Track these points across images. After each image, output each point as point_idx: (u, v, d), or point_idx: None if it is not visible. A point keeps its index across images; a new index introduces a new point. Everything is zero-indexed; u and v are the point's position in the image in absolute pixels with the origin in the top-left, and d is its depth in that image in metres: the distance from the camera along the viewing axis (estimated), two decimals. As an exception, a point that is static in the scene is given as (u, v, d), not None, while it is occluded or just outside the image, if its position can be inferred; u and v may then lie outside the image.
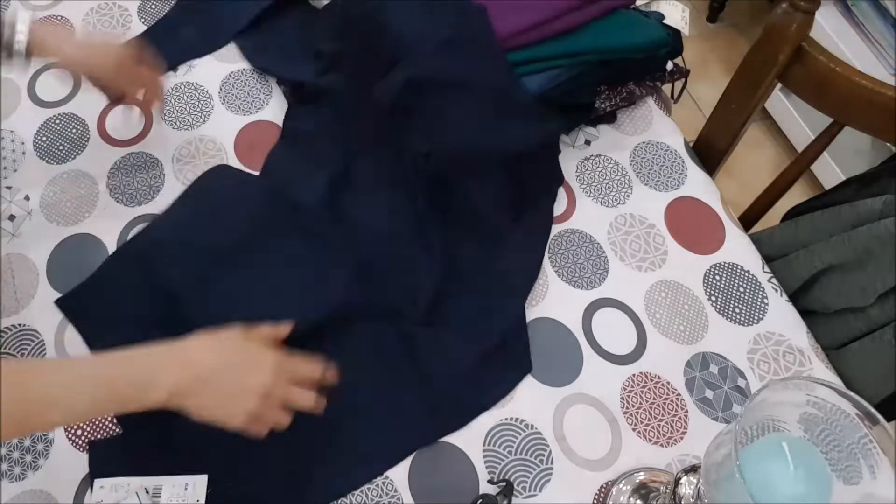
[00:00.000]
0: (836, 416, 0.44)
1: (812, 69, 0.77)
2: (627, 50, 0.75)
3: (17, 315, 0.68)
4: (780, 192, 0.87)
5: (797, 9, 0.75)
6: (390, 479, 0.62)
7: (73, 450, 0.62)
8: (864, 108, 0.75)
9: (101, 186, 0.75)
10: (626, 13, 0.77)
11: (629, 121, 0.84)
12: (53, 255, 0.71)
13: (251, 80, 0.84)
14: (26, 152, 0.77)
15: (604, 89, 0.79)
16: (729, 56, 1.84)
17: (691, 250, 0.76)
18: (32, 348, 0.66)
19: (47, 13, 0.87)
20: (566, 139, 0.82)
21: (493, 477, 0.62)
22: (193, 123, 0.80)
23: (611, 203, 0.78)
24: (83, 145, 0.78)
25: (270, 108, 0.82)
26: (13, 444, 0.62)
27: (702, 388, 0.68)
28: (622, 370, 0.68)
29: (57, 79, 0.82)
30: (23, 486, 0.60)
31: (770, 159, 1.70)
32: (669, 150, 0.82)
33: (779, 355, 0.70)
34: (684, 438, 0.66)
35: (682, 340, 0.70)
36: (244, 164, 0.78)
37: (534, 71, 0.73)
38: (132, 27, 0.86)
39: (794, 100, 1.62)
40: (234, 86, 0.83)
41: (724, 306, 0.72)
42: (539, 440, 0.64)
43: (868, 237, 0.72)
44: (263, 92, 0.83)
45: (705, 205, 0.79)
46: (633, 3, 0.78)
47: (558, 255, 0.74)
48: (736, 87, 0.85)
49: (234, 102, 0.82)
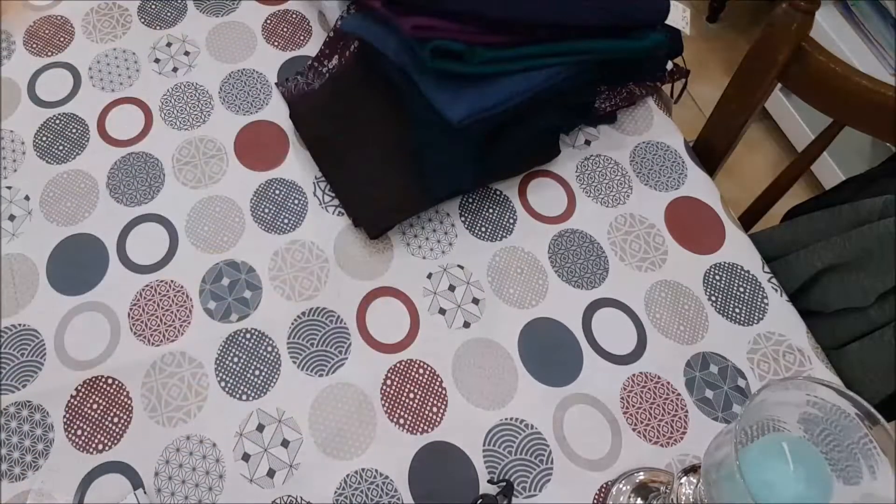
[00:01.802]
0: (836, 416, 0.44)
1: (812, 69, 0.77)
2: (626, 51, 0.75)
3: (17, 315, 0.68)
4: (780, 192, 0.88)
5: (797, 9, 0.75)
6: (390, 479, 0.62)
7: (74, 450, 0.63)
8: (864, 108, 0.75)
9: (101, 186, 0.75)
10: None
11: (629, 121, 0.84)
12: (53, 255, 0.71)
13: (251, 80, 0.84)
14: (26, 152, 0.77)
15: (604, 89, 0.79)
16: (729, 56, 1.84)
17: (691, 250, 0.76)
18: (32, 348, 0.67)
19: (47, 13, 0.87)
20: (566, 139, 0.82)
21: (493, 477, 0.62)
22: (193, 123, 0.80)
23: (611, 203, 0.78)
24: (83, 145, 0.78)
25: (270, 108, 0.82)
26: (13, 443, 0.62)
27: (702, 388, 0.68)
28: (622, 370, 0.68)
29: (57, 79, 0.82)
30: (23, 486, 0.60)
31: (770, 159, 1.71)
32: (669, 150, 0.82)
33: (779, 355, 0.70)
34: (684, 438, 0.66)
35: (682, 340, 0.70)
36: (244, 164, 0.78)
37: (532, 68, 0.73)
38: (132, 27, 0.86)
39: (794, 100, 1.62)
40: (234, 86, 0.83)
41: (724, 306, 0.72)
42: (539, 440, 0.64)
43: (868, 237, 0.72)
44: (263, 92, 0.83)
45: (705, 205, 0.79)
46: (660, 23, 0.77)
47: (558, 255, 0.74)
48: (736, 87, 0.85)
49: (234, 102, 0.82)
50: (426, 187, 0.74)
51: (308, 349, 0.68)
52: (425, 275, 0.73)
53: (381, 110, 0.79)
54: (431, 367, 0.67)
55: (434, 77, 0.72)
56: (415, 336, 0.69)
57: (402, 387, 0.66)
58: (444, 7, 0.70)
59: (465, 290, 0.72)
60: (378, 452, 0.63)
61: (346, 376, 0.67)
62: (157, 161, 0.78)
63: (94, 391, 0.65)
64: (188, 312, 0.69)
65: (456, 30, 0.70)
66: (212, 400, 0.65)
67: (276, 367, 0.67)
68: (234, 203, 0.76)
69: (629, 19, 0.74)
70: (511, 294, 0.72)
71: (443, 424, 0.65)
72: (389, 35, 0.75)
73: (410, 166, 0.75)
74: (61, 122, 0.79)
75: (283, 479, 0.62)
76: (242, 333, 0.68)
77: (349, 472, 0.62)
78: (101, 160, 0.77)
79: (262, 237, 0.74)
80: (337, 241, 0.74)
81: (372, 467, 0.63)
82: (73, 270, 0.70)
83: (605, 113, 0.81)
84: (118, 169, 0.77)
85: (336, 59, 0.83)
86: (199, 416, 0.65)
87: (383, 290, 0.72)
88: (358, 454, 0.63)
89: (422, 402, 0.66)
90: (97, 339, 0.67)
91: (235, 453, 0.63)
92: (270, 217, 0.75)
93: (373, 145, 0.77)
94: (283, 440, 0.64)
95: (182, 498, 0.61)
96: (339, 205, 0.76)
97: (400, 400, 0.66)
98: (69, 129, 0.79)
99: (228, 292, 0.70)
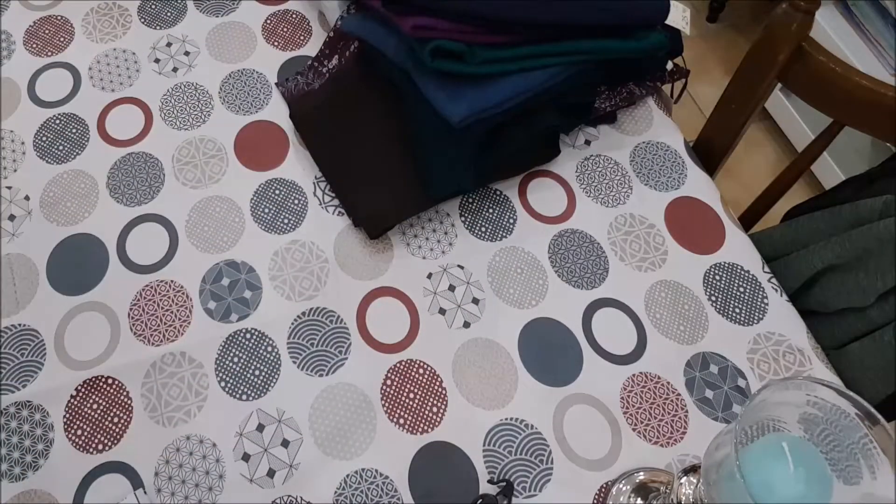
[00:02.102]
0: (836, 416, 0.44)
1: (812, 69, 0.77)
2: (626, 51, 0.75)
3: (17, 315, 0.68)
4: (780, 192, 0.88)
5: (797, 9, 0.75)
6: (390, 479, 0.62)
7: (73, 450, 0.62)
8: (864, 108, 0.75)
9: (101, 186, 0.75)
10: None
11: (629, 121, 0.84)
12: (53, 255, 0.71)
13: (251, 80, 0.84)
14: (26, 152, 0.77)
15: (604, 89, 0.79)
16: (729, 56, 1.84)
17: (691, 250, 0.76)
18: (32, 348, 0.67)
19: (47, 13, 0.87)
20: (566, 139, 0.82)
21: (493, 477, 0.62)
22: (193, 123, 0.80)
23: (611, 203, 0.78)
24: (83, 145, 0.78)
25: (270, 108, 0.82)
26: (13, 443, 0.62)
27: (702, 388, 0.68)
28: (622, 370, 0.68)
29: (57, 79, 0.82)
30: (23, 486, 0.60)
31: (770, 159, 1.71)
32: (669, 150, 0.82)
33: (779, 355, 0.70)
34: (684, 438, 0.66)
35: (682, 340, 0.70)
36: (244, 164, 0.78)
37: (532, 68, 0.73)
38: (132, 27, 0.86)
39: (794, 100, 1.62)
40: (234, 86, 0.83)
41: (724, 306, 0.72)
42: (539, 440, 0.64)
43: (868, 237, 0.72)
44: (263, 92, 0.83)
45: (705, 205, 0.79)
46: (660, 23, 0.76)
47: (558, 255, 0.74)
48: (736, 87, 0.85)
49: (234, 102, 0.82)
50: (426, 187, 0.74)
51: (308, 349, 0.68)
52: (425, 275, 0.72)
53: (380, 111, 0.79)
54: (431, 367, 0.67)
55: (434, 77, 0.71)
56: (415, 336, 0.69)
57: (402, 387, 0.66)
58: (444, 7, 0.70)
59: (465, 290, 0.72)
60: (378, 452, 0.63)
61: (346, 376, 0.67)
62: (157, 161, 0.78)
63: (94, 391, 0.65)
64: (188, 312, 0.69)
65: (456, 30, 0.70)
66: (212, 400, 0.65)
67: (277, 366, 0.67)
68: (233, 203, 0.76)
69: (629, 19, 0.74)
70: (511, 294, 0.72)
71: (443, 424, 0.65)
72: (389, 35, 0.75)
73: (410, 167, 0.75)
74: (61, 122, 0.79)
75: (283, 479, 0.62)
76: (242, 333, 0.68)
77: (349, 472, 0.62)
78: (101, 160, 0.77)
79: (262, 237, 0.74)
80: (337, 241, 0.74)
81: (372, 467, 0.63)
82: (73, 270, 0.70)
83: (605, 113, 0.81)
84: (118, 169, 0.77)
85: (336, 59, 0.83)
86: (199, 415, 0.65)
87: (383, 290, 0.72)
88: (358, 454, 0.63)
89: (422, 402, 0.66)
90: (97, 339, 0.67)
91: (235, 453, 0.63)
92: (270, 217, 0.75)
93: (373, 146, 0.77)
94: (284, 440, 0.64)
95: (182, 498, 0.61)
96: (340, 205, 0.76)
97: (400, 400, 0.66)
98: (69, 129, 0.79)
99: (228, 292, 0.70)
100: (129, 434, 0.64)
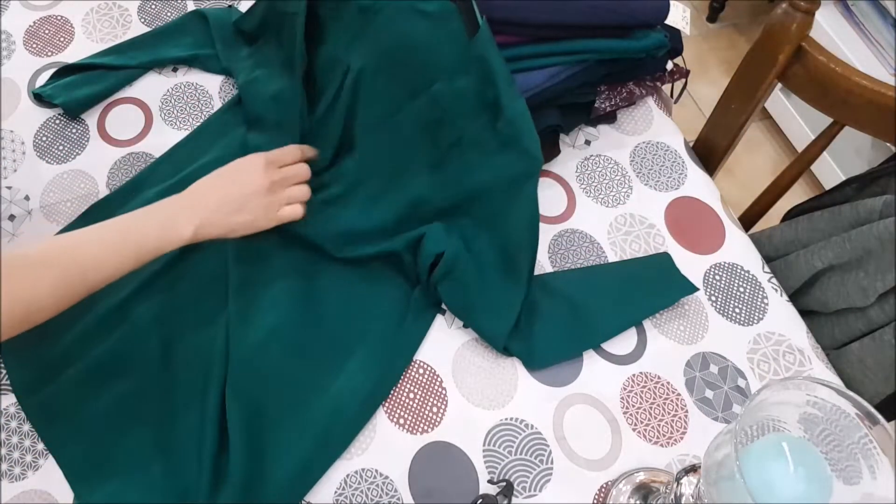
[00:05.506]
0: (836, 416, 0.44)
1: (812, 69, 0.77)
2: (626, 51, 0.75)
3: (17, 315, 0.68)
4: (780, 192, 0.88)
5: (797, 9, 0.75)
6: (390, 479, 0.62)
7: (73, 450, 0.62)
8: (864, 108, 0.75)
9: (101, 186, 0.75)
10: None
11: (629, 121, 0.84)
12: (53, 255, 0.71)
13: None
14: (26, 152, 0.77)
15: (604, 89, 0.79)
16: (729, 56, 1.84)
17: (691, 250, 0.76)
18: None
19: (47, 13, 0.86)
20: (566, 139, 0.82)
21: (493, 477, 0.62)
22: (193, 123, 0.80)
23: (611, 203, 0.78)
24: (83, 145, 0.78)
25: (270, 108, 0.82)
26: (13, 443, 0.62)
27: (702, 388, 0.68)
28: (622, 370, 0.68)
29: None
30: (23, 486, 0.60)
31: (770, 159, 1.71)
32: (669, 150, 0.82)
33: (779, 355, 0.70)
34: (684, 438, 0.66)
35: (682, 340, 0.70)
36: (244, 164, 0.78)
37: (532, 67, 0.73)
38: (132, 27, 0.86)
39: (794, 100, 1.62)
40: (233, 86, 0.83)
41: (724, 306, 0.72)
42: (539, 440, 0.64)
43: (868, 237, 0.72)
44: (263, 92, 0.83)
45: (705, 205, 0.79)
46: (660, 23, 0.76)
47: (558, 255, 0.74)
48: (736, 87, 0.85)
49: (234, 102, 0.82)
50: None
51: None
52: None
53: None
54: (431, 367, 0.67)
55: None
56: (415, 336, 0.69)
57: (401, 387, 0.66)
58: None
59: (465, 290, 0.72)
60: (378, 452, 0.63)
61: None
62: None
63: (94, 391, 0.65)
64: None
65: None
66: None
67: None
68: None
69: (629, 19, 0.74)
70: (511, 294, 0.72)
71: (443, 424, 0.65)
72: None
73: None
74: (61, 122, 0.79)
75: (283, 479, 0.62)
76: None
77: (349, 472, 0.62)
78: (101, 160, 0.77)
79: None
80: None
81: (372, 467, 0.63)
82: (73, 270, 0.70)
83: (605, 113, 0.81)
84: (118, 169, 0.77)
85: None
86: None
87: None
88: (358, 454, 0.63)
89: (422, 402, 0.66)
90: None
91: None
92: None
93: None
94: (283, 440, 0.64)
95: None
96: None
97: (400, 400, 0.66)
98: (69, 129, 0.79)
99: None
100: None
